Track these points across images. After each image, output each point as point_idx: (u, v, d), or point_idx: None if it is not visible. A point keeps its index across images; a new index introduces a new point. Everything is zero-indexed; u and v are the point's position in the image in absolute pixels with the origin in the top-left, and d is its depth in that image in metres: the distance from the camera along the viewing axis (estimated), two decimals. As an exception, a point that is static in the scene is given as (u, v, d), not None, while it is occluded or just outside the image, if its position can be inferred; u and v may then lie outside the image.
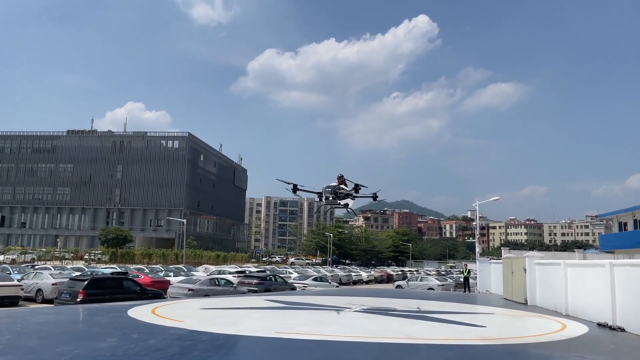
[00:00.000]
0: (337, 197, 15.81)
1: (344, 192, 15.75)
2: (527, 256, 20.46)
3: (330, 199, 15.89)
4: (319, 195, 16.18)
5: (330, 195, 15.81)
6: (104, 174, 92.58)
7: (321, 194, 16.02)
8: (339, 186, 15.87)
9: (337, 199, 15.85)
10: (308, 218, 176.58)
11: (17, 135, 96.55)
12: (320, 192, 16.05)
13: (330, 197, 15.83)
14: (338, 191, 15.74)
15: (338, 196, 15.76)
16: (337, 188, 15.82)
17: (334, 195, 15.76)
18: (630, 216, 43.58)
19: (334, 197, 15.81)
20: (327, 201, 16.01)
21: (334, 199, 15.85)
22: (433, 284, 36.27)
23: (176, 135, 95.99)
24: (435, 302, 20.74)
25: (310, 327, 12.15)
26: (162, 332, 10.79)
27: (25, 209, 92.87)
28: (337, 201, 15.93)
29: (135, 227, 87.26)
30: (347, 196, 15.87)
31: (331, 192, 15.79)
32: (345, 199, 15.91)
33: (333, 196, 15.77)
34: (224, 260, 75.58)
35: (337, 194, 15.74)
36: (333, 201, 15.95)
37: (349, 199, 15.96)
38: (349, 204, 16.25)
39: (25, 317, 13.74)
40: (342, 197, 15.83)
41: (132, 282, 21.21)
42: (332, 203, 16.10)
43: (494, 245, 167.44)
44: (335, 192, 15.74)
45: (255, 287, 26.27)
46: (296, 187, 16.18)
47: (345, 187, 15.85)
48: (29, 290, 23.15)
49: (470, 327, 12.85)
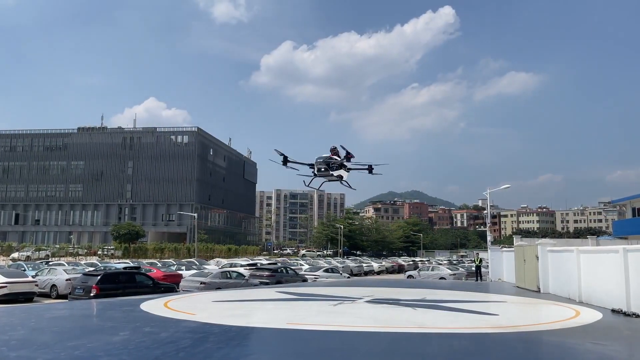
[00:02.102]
0: (329, 168, 14.96)
1: (337, 163, 14.88)
2: (540, 244, 20.28)
3: (322, 171, 14.98)
4: (310, 167, 15.44)
5: (322, 167, 14.91)
6: (115, 170, 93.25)
7: (313, 165, 15.10)
8: (331, 157, 15.05)
9: (329, 170, 14.97)
10: (318, 210, 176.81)
11: (28, 134, 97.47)
12: (312, 164, 15.12)
13: (322, 169, 14.94)
14: (330, 162, 14.87)
15: (330, 167, 14.91)
16: (328, 159, 14.98)
17: (326, 166, 14.92)
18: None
19: (325, 169, 15.11)
20: (319, 173, 15.09)
21: (326, 170, 14.95)
22: (445, 273, 36.17)
23: (185, 130, 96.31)
24: (447, 292, 20.66)
25: (322, 317, 12.15)
26: (174, 325, 10.84)
27: (38, 206, 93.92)
28: (329, 172, 14.97)
29: (147, 222, 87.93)
30: (340, 167, 15.00)
31: (323, 162, 14.90)
32: (338, 170, 15.04)
33: (325, 167, 14.94)
34: (235, 253, 75.96)
35: (330, 165, 14.87)
36: (325, 172, 15.02)
37: (342, 170, 15.03)
38: (343, 177, 15.24)
39: (39, 313, 13.89)
40: (335, 168, 15.19)
41: (144, 277, 21.39)
42: (325, 175, 15.15)
43: (505, 233, 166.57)
44: (327, 163, 14.88)
45: (267, 279, 26.35)
46: (286, 159, 15.40)
47: (338, 158, 15.22)
48: (44, 286, 23.42)
49: (483, 316, 12.78)
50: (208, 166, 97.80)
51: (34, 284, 22.39)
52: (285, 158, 15.26)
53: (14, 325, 11.05)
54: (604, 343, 9.16)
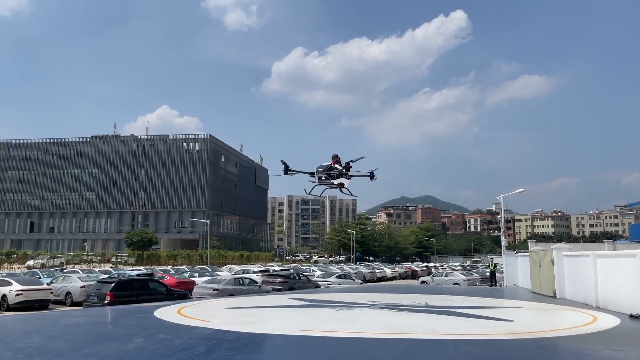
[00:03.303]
0: (330, 177, 15.16)
1: (337, 172, 15.10)
2: (555, 248, 20.02)
3: (323, 179, 15.24)
4: (311, 175, 15.60)
5: (322, 175, 15.17)
6: (128, 178, 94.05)
7: (314, 174, 15.35)
8: (332, 165, 15.21)
9: (330, 179, 15.20)
10: (330, 216, 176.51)
11: (43, 142, 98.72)
12: (313, 172, 15.38)
13: (323, 177, 15.19)
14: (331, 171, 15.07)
15: (331, 176, 15.11)
16: (329, 167, 15.17)
17: (327, 175, 15.15)
18: (661, 205, 42.36)
19: (326, 177, 15.20)
20: (320, 181, 15.33)
21: (327, 179, 15.20)
22: (458, 279, 35.85)
23: (197, 137, 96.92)
24: (461, 297, 20.48)
25: (335, 324, 12.10)
26: (188, 332, 10.87)
27: (53, 214, 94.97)
28: (330, 181, 15.23)
29: (160, 229, 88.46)
30: (341, 175, 15.19)
31: (323, 171, 15.14)
32: (339, 179, 15.23)
33: (326, 176, 15.15)
34: (247, 259, 76.07)
35: (330, 174, 15.08)
36: (326, 181, 15.28)
37: (343, 178, 15.23)
38: (344, 184, 15.43)
39: (54, 320, 14.00)
40: (335, 177, 15.23)
41: (158, 284, 21.48)
42: (325, 183, 15.41)
43: (520, 238, 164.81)
44: (327, 172, 15.09)
45: (279, 285, 26.32)
46: (287, 168, 15.65)
47: (338, 167, 15.30)
48: (59, 294, 23.62)
49: (498, 322, 12.63)
50: (220, 173, 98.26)
51: (49, 292, 22.60)
52: (286, 167, 15.50)
53: (29, 332, 11.15)
54: (622, 349, 8.99)
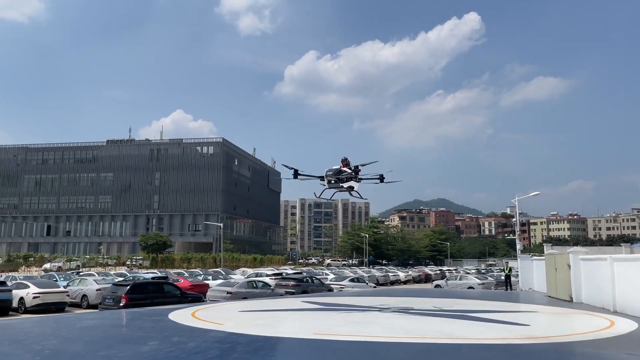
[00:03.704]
0: (339, 181, 15.20)
1: (346, 175, 15.16)
2: (571, 252, 19.78)
3: (333, 183, 15.29)
4: (321, 179, 15.69)
5: (332, 179, 15.22)
6: (142, 181, 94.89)
7: (323, 177, 15.42)
8: (342, 169, 15.25)
9: (339, 183, 15.25)
10: (343, 219, 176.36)
11: (60, 147, 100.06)
12: (322, 176, 15.44)
13: (332, 181, 15.24)
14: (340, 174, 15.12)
15: (340, 179, 15.15)
16: (338, 171, 15.22)
17: (336, 178, 15.20)
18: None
19: (336, 181, 15.30)
20: (330, 185, 15.39)
21: (336, 183, 15.25)
22: (473, 282, 35.56)
23: (211, 141, 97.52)
24: (476, 301, 20.31)
25: (349, 327, 12.06)
26: (202, 334, 10.92)
27: (69, 217, 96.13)
28: (339, 185, 15.27)
29: (174, 233, 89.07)
30: (351, 179, 15.21)
31: (333, 175, 15.18)
32: (348, 182, 15.26)
33: (335, 179, 15.21)
34: (260, 263, 76.24)
35: (339, 177, 15.12)
36: (335, 185, 15.32)
37: (353, 181, 15.26)
38: (354, 187, 15.47)
39: (71, 323, 14.16)
40: (345, 180, 15.28)
41: (172, 287, 21.63)
42: (335, 187, 15.45)
43: (535, 241, 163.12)
44: (337, 176, 15.14)
45: (293, 289, 26.32)
46: (297, 173, 15.74)
47: (348, 170, 15.35)
48: (75, 296, 23.90)
49: (514, 326, 12.50)
50: (233, 176, 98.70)
51: (66, 294, 22.88)
52: (295, 171, 15.59)
53: (46, 335, 11.29)
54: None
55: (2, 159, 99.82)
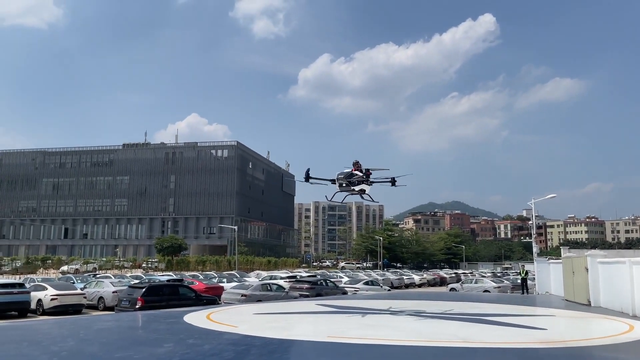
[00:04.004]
0: (350, 184, 15.30)
1: (358, 179, 15.23)
2: (589, 255, 19.48)
3: (344, 186, 15.39)
4: (332, 183, 15.78)
5: (343, 182, 15.31)
6: (158, 185, 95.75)
7: (334, 181, 15.57)
8: (353, 172, 15.34)
9: (350, 186, 15.34)
10: (357, 222, 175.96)
11: (77, 151, 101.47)
12: (334, 180, 15.57)
13: (344, 184, 15.34)
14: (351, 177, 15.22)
15: (351, 182, 15.25)
16: (349, 174, 15.31)
17: (347, 181, 15.28)
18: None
19: (347, 184, 15.36)
20: (341, 188, 15.49)
21: (348, 186, 15.34)
22: (489, 286, 35.22)
23: (225, 144, 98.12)
24: (492, 305, 20.11)
25: (363, 331, 12.02)
26: (216, 337, 10.96)
27: (86, 220, 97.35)
28: (351, 188, 15.37)
29: (189, 235, 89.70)
30: (362, 182, 15.30)
31: (344, 178, 15.28)
32: (360, 185, 15.34)
33: (346, 183, 15.30)
34: (275, 265, 76.37)
35: (351, 181, 15.22)
36: (347, 188, 15.43)
37: (364, 184, 15.34)
38: (365, 190, 15.52)
39: (88, 324, 14.33)
40: (356, 184, 15.34)
41: (187, 289, 21.75)
42: (346, 190, 15.56)
43: (552, 244, 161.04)
44: (348, 179, 15.23)
45: (307, 291, 26.30)
46: (308, 176, 15.85)
47: (359, 174, 15.37)
48: (92, 298, 24.17)
49: (530, 330, 12.35)
50: (247, 179, 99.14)
51: (83, 297, 23.16)
52: (307, 175, 15.66)
53: (64, 336, 11.43)
54: (662, 360, 8.68)
55: (20, 163, 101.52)
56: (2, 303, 20.16)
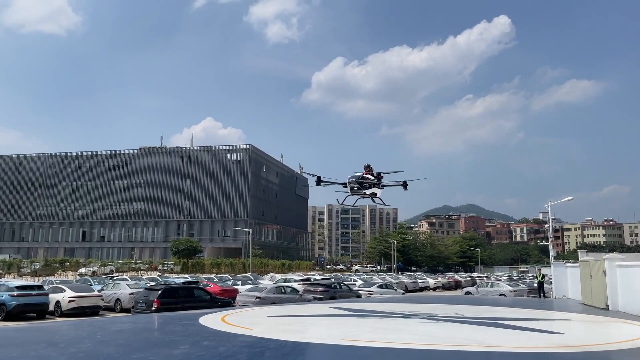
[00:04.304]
0: (362, 187, 15.33)
1: (369, 182, 15.28)
2: (607, 258, 19.22)
3: (355, 189, 15.42)
4: (343, 186, 15.83)
5: (354, 186, 15.35)
6: (173, 188, 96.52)
7: (345, 184, 15.63)
8: (364, 175, 15.35)
9: (362, 189, 15.36)
10: (371, 225, 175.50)
11: (94, 155, 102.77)
12: (345, 183, 15.62)
13: (355, 187, 15.37)
14: (362, 181, 15.25)
15: (362, 186, 15.29)
16: (361, 178, 15.35)
17: (358, 185, 15.33)
18: None
19: (358, 187, 15.39)
20: (352, 191, 15.53)
21: (359, 189, 15.37)
22: (504, 289, 34.88)
23: (239, 148, 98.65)
24: (507, 309, 19.92)
25: (377, 334, 12.01)
26: (231, 339, 11.04)
27: (103, 223, 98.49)
28: (362, 191, 15.39)
29: (204, 238, 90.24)
30: (373, 185, 15.30)
31: (355, 181, 15.32)
32: (371, 189, 15.35)
33: (357, 186, 15.35)
34: (289, 268, 76.49)
35: (362, 184, 15.27)
36: (358, 191, 15.44)
37: (376, 188, 15.34)
38: (377, 194, 15.53)
39: (105, 326, 14.51)
40: (368, 187, 15.38)
41: (202, 291, 21.91)
42: (357, 193, 15.58)
43: (569, 248, 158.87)
44: (359, 182, 15.30)
45: (321, 294, 26.33)
46: (319, 179, 15.95)
47: (370, 177, 15.38)
48: (109, 300, 24.44)
49: (547, 334, 12.22)
50: (261, 182, 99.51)
51: (100, 298, 23.44)
52: (318, 178, 15.78)
53: (81, 338, 11.59)
54: (682, 366, 8.53)
55: (39, 167, 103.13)
56: (22, 305, 20.51)
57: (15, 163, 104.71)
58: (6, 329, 14.23)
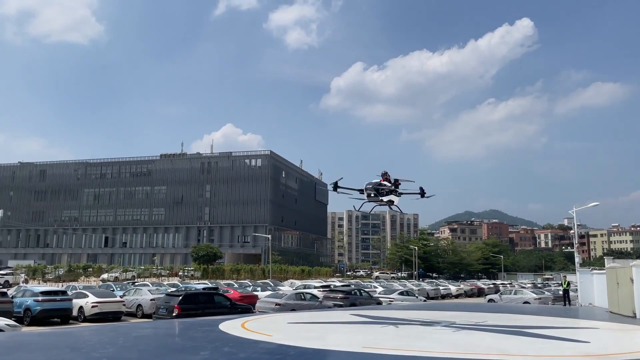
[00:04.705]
0: (378, 194, 15.34)
1: (386, 189, 15.25)
2: (635, 265, 18.74)
3: (372, 196, 15.44)
4: (360, 192, 15.85)
5: (371, 193, 15.37)
6: (194, 194, 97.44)
7: (362, 191, 15.67)
8: (381, 183, 15.36)
9: (378, 196, 15.37)
10: (391, 231, 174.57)
11: (116, 161, 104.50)
12: (362, 189, 15.68)
13: (372, 194, 15.40)
14: (380, 188, 15.26)
15: (380, 193, 15.29)
16: (377, 185, 15.36)
17: (375, 192, 15.33)
18: None
19: (375, 194, 15.39)
20: (369, 198, 15.55)
21: (376, 196, 15.38)
22: (529, 297, 34.25)
23: (259, 154, 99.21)
24: (532, 317, 19.53)
25: (398, 342, 11.86)
26: (251, 345, 11.02)
27: (125, 229, 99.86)
28: (379, 198, 15.41)
29: (224, 244, 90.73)
30: (390, 193, 15.29)
31: (372, 189, 15.34)
32: (388, 196, 15.34)
33: (374, 193, 15.35)
34: (308, 274, 76.39)
35: (379, 191, 15.26)
36: (375, 198, 15.47)
37: (393, 195, 15.33)
38: (394, 201, 15.54)
39: (127, 331, 14.63)
40: (385, 194, 15.35)
41: (222, 297, 21.98)
42: (374, 200, 15.61)
43: (595, 254, 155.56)
44: (376, 189, 15.30)
45: (341, 301, 26.19)
46: (337, 185, 16.03)
47: (387, 184, 15.36)
48: (130, 306, 24.68)
49: (572, 343, 11.92)
50: (281, 188, 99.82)
51: (122, 304, 23.69)
52: (335, 184, 15.85)
53: (103, 343, 11.71)
54: None
55: (64, 174, 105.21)
56: (46, 310, 20.86)
57: (40, 170, 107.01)
58: (31, 334, 14.46)
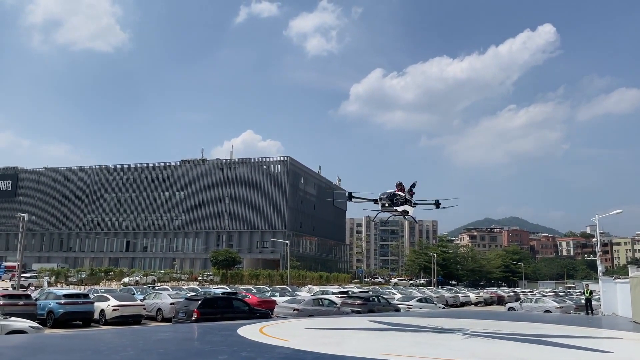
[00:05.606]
0: (393, 204, 15.31)
1: (401, 199, 15.20)
2: (660, 275, 18.32)
3: (387, 206, 15.49)
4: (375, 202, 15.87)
5: (385, 202, 15.42)
6: (214, 199, 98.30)
7: (377, 201, 15.67)
8: (396, 193, 15.41)
9: (392, 206, 15.35)
10: (410, 237, 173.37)
11: (138, 167, 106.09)
12: (376, 199, 15.72)
13: (386, 204, 15.43)
14: (394, 197, 15.30)
15: (394, 203, 15.26)
16: (392, 195, 15.42)
17: (390, 202, 15.29)
18: None
19: (389, 204, 15.36)
20: (383, 208, 15.67)
21: (390, 206, 15.41)
22: (550, 306, 33.70)
23: (278, 160, 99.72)
24: (553, 326, 19.19)
25: (417, 349, 11.78)
26: (269, 350, 11.06)
27: (146, 234, 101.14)
28: (393, 208, 15.45)
29: (243, 249, 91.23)
30: (405, 203, 15.28)
31: (386, 198, 15.40)
32: (402, 206, 15.32)
33: (389, 203, 15.33)
34: (326, 280, 76.28)
35: (393, 201, 15.24)
36: (389, 208, 15.55)
37: (407, 205, 15.33)
38: (409, 212, 15.57)
39: (147, 335, 14.81)
40: (399, 204, 15.28)
41: (241, 302, 22.13)
42: (389, 210, 15.69)
43: (618, 263, 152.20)
44: (390, 199, 15.28)
45: (359, 307, 26.10)
46: (351, 195, 16.10)
47: (402, 194, 15.31)
48: (150, 310, 25.00)
49: (595, 353, 11.70)
50: (299, 194, 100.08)
51: (142, 308, 24.00)
52: (350, 194, 15.92)
53: (124, 346, 11.87)
54: None
55: (87, 179, 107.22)
56: (69, 312, 21.26)
57: (64, 176, 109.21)
58: (53, 336, 14.74)
